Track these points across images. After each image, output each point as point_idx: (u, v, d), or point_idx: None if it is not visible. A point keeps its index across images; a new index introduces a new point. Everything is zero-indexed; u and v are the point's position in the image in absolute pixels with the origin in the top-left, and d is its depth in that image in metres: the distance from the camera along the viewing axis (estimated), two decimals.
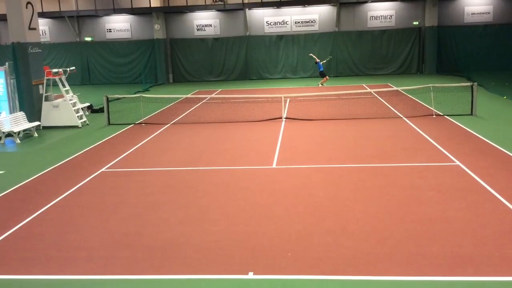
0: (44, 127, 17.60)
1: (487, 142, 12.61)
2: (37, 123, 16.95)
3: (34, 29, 18.18)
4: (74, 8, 33.53)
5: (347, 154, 12.10)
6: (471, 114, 16.34)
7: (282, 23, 33.03)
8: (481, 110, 16.73)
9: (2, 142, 15.36)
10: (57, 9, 33.15)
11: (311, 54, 29.22)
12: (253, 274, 6.21)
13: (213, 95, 22.68)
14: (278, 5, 31.85)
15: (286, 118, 17.19)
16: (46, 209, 9.02)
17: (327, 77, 27.44)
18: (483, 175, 9.82)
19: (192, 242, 7.25)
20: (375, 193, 9.08)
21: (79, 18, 34.52)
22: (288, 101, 20.75)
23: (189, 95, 23.53)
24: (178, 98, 22.94)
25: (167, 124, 17.26)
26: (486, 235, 7.03)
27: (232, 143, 13.83)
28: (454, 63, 31.99)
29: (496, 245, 6.70)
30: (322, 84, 27.14)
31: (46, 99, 17.93)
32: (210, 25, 33.64)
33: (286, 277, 6.12)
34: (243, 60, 33.52)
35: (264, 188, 9.69)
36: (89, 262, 6.74)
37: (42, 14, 32.06)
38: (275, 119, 17.07)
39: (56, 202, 9.36)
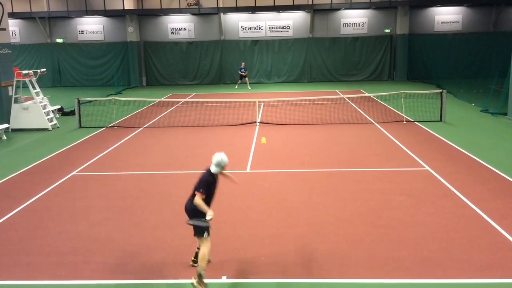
0: (13, 130, 17.20)
1: (456, 148, 12.94)
2: (5, 125, 16.55)
3: (4, 29, 17.81)
4: (45, 9, 32.90)
5: (320, 159, 12.23)
6: (441, 120, 16.73)
7: (256, 28, 33.17)
8: (450, 116, 17.14)
9: None
10: (28, 10, 32.50)
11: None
12: (227, 278, 6.22)
13: (187, 99, 22.57)
14: (253, 10, 31.98)
15: (260, 122, 17.25)
16: (15, 213, 8.82)
17: (246, 79, 29.82)
18: (451, 180, 10.07)
19: (165, 247, 7.20)
20: (347, 198, 9.20)
21: (50, 19, 33.90)
22: (262, 105, 20.84)
23: (162, 99, 23.36)
24: (151, 102, 22.78)
25: (140, 127, 17.10)
26: (454, 239, 7.21)
27: (206, 148, 13.79)
28: (424, 71, 32.70)
29: (464, 249, 6.88)
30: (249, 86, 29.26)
31: (16, 101, 17.54)
32: (185, 29, 33.51)
33: (260, 281, 6.15)
34: (217, 64, 33.50)
35: (238, 193, 9.70)
36: (59, 267, 6.62)
37: (13, 15, 31.38)
38: (249, 123, 17.11)
39: (25, 206, 9.16)
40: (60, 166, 12.14)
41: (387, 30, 32.58)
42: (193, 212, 6.11)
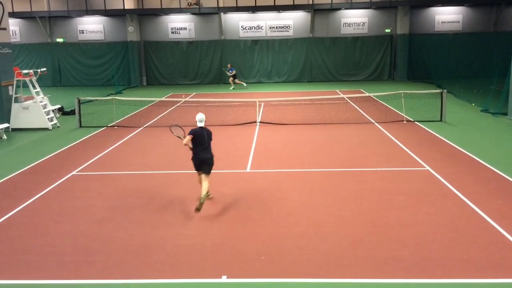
0: (14, 129, 17.20)
1: (456, 148, 12.94)
2: (6, 125, 16.55)
3: (4, 29, 17.80)
4: (45, 9, 32.90)
5: (320, 159, 12.22)
6: (441, 120, 16.73)
7: (257, 28, 33.16)
8: (450, 116, 17.14)
9: None
10: (28, 9, 32.51)
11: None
12: (227, 277, 6.22)
13: (187, 99, 22.57)
14: (253, 10, 31.98)
15: (260, 122, 17.25)
16: (16, 212, 8.83)
17: (236, 80, 30.36)
18: (451, 180, 10.07)
19: (165, 246, 7.21)
20: (347, 198, 9.20)
21: (50, 19, 33.90)
22: (262, 105, 20.83)
23: (163, 98, 23.35)
24: (151, 101, 22.77)
25: (140, 127, 17.10)
26: (454, 239, 7.21)
27: None
28: (424, 70, 32.70)
29: (464, 249, 6.88)
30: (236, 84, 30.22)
31: (16, 100, 17.53)
32: (185, 28, 33.51)
33: (260, 280, 6.15)
34: (217, 64, 33.48)
35: (238, 193, 9.70)
36: (59, 267, 6.63)
37: (13, 14, 31.40)
38: (249, 123, 17.10)
39: (25, 206, 9.17)
40: (60, 165, 12.15)
41: (387, 30, 32.57)
42: (211, 160, 9.16)
